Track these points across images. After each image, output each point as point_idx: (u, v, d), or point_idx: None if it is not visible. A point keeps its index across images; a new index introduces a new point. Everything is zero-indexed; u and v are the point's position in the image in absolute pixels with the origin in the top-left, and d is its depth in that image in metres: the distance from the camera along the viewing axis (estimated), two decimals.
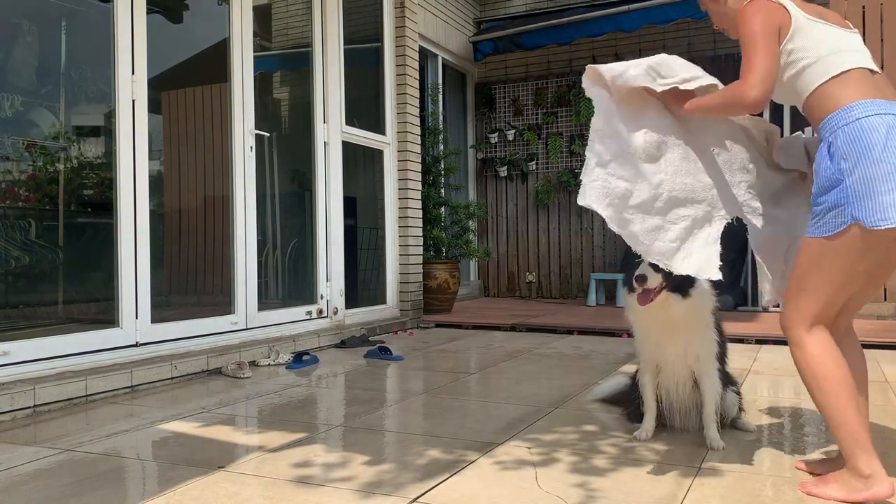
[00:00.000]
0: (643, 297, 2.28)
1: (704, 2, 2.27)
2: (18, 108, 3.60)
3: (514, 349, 4.71)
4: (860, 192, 1.78)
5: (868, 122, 1.81)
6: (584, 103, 8.05)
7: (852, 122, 1.83)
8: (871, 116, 1.81)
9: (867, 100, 1.85)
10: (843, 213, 1.81)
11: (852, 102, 1.86)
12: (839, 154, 1.83)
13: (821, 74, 1.93)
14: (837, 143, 1.84)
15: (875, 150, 1.77)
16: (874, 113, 1.82)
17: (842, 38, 1.98)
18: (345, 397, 3.32)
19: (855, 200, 1.79)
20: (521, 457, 2.31)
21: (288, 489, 2.01)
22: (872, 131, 1.79)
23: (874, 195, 1.76)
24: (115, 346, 3.59)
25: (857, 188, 1.79)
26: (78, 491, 2.02)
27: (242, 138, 4.50)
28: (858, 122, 1.82)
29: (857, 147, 1.80)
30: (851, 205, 1.79)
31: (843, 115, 1.85)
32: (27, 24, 3.72)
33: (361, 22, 5.94)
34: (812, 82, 1.95)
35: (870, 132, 1.80)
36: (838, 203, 1.81)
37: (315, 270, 5.16)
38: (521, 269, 8.49)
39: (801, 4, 2.04)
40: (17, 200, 3.76)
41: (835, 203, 1.82)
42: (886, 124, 1.80)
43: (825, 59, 1.94)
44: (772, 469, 2.17)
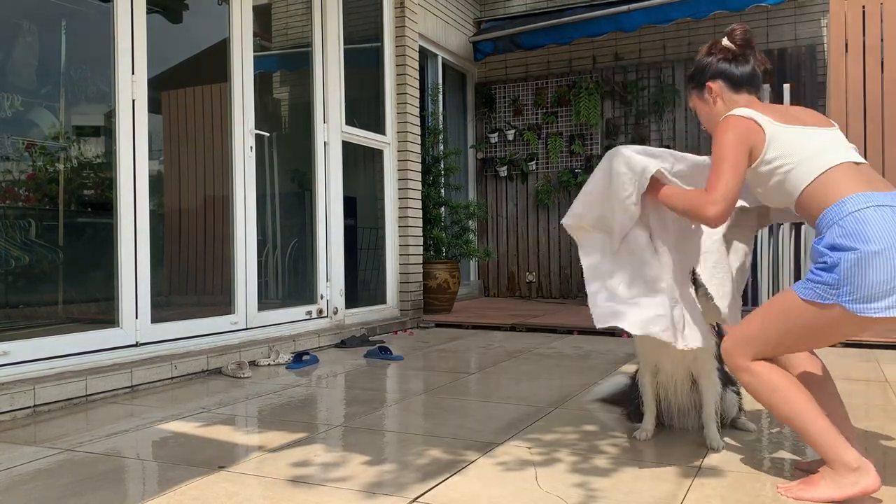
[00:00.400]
0: None
1: (694, 101, 2.35)
2: (18, 108, 3.60)
3: (514, 349, 4.71)
4: (852, 280, 1.83)
5: (862, 215, 1.85)
6: (583, 103, 8.06)
7: (846, 216, 1.87)
8: (865, 209, 1.86)
9: (858, 193, 1.89)
10: (832, 292, 1.85)
11: (844, 197, 1.90)
12: (837, 247, 1.86)
13: (805, 176, 1.97)
14: (833, 237, 1.87)
15: (871, 242, 1.81)
16: (868, 205, 1.86)
17: (820, 137, 2.02)
18: (345, 397, 3.32)
19: (846, 285, 1.83)
20: (522, 457, 2.31)
21: (288, 489, 2.01)
22: (867, 223, 1.84)
23: (865, 286, 1.81)
24: (115, 346, 3.59)
25: (850, 275, 1.83)
26: (78, 491, 2.02)
27: (242, 138, 4.51)
28: (852, 216, 1.86)
29: (853, 240, 1.83)
30: (842, 288, 1.84)
31: (837, 209, 1.90)
32: (27, 24, 3.72)
33: (361, 22, 5.94)
34: (798, 185, 1.99)
35: (864, 224, 1.84)
36: (831, 283, 1.85)
37: (315, 270, 5.16)
38: (521, 269, 8.49)
39: (775, 111, 2.09)
40: (17, 200, 3.76)
41: (827, 282, 1.86)
42: (880, 216, 1.84)
43: (807, 161, 1.98)
44: (772, 469, 2.17)
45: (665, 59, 7.91)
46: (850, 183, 1.92)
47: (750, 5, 6.81)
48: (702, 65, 2.31)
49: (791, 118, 2.07)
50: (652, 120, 7.89)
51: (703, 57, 2.32)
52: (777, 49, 7.42)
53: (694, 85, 2.34)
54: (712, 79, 2.27)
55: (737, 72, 2.23)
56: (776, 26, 7.48)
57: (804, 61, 7.28)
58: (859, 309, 1.82)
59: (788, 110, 2.12)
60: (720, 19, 7.68)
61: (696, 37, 7.82)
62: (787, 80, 7.21)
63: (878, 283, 1.80)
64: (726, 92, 2.25)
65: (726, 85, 2.25)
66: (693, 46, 7.82)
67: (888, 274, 1.79)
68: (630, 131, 7.97)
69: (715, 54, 2.27)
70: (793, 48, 7.33)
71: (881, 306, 1.80)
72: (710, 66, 2.28)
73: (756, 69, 2.24)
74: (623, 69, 8.02)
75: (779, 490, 1.96)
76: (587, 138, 8.13)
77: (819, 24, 7.33)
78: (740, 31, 2.26)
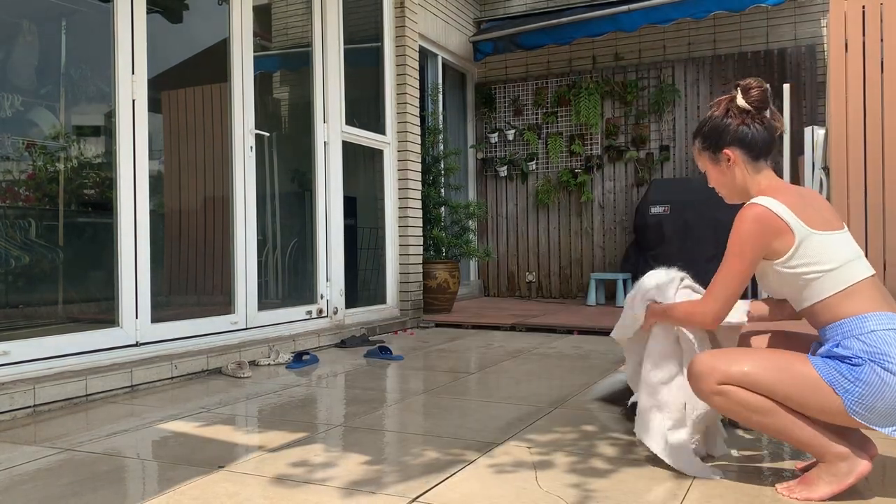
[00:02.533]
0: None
1: (704, 163, 2.21)
2: (18, 107, 3.60)
3: (514, 349, 4.71)
4: (868, 390, 1.80)
5: (888, 336, 1.82)
6: (583, 103, 8.06)
7: (869, 333, 1.83)
8: (889, 331, 1.83)
9: (881, 312, 1.86)
10: (846, 386, 1.82)
11: (866, 313, 1.86)
12: (855, 359, 1.83)
13: (832, 287, 1.91)
14: (855, 351, 1.83)
15: (892, 363, 1.79)
16: (891, 328, 1.83)
17: (843, 245, 1.94)
18: (345, 397, 3.32)
19: (860, 389, 1.81)
20: (521, 457, 2.31)
21: (288, 489, 2.01)
22: (891, 346, 1.81)
23: (877, 402, 1.80)
24: (115, 346, 3.59)
25: (868, 384, 1.80)
26: (78, 491, 2.02)
27: (242, 138, 4.51)
28: (875, 334, 1.83)
29: (873, 357, 1.81)
30: (855, 390, 1.81)
31: (858, 324, 1.86)
32: (27, 24, 3.72)
33: (361, 22, 5.94)
34: (821, 293, 1.92)
35: (889, 346, 1.81)
36: (848, 378, 1.82)
37: (315, 270, 5.16)
38: (521, 269, 8.49)
39: (802, 204, 1.97)
40: (17, 200, 3.76)
41: (845, 376, 1.83)
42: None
43: (835, 273, 1.91)
44: (772, 469, 2.17)
45: (665, 59, 7.91)
46: (872, 300, 1.88)
47: (750, 5, 6.81)
48: (718, 127, 2.13)
49: (818, 218, 1.95)
50: (652, 120, 7.89)
51: (719, 117, 2.14)
52: (777, 49, 7.42)
53: (707, 146, 2.17)
54: (730, 146, 2.11)
55: (758, 139, 2.08)
56: (776, 26, 7.48)
57: (804, 61, 7.28)
58: (860, 416, 1.81)
59: (810, 203, 1.99)
60: (720, 19, 7.68)
61: (696, 37, 7.82)
62: (787, 80, 7.21)
63: (887, 406, 1.80)
64: (745, 162, 2.10)
65: (745, 154, 2.10)
66: (693, 46, 7.82)
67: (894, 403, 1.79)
68: (630, 131, 7.97)
69: (733, 117, 2.10)
70: (793, 48, 7.33)
71: (883, 424, 1.81)
72: (727, 131, 2.11)
73: (773, 134, 2.10)
74: (623, 69, 8.02)
75: (778, 490, 1.96)
76: (587, 138, 8.13)
77: (819, 24, 7.33)
78: (757, 91, 2.09)
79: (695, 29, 7.79)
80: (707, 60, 7.71)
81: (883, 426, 1.82)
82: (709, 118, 2.17)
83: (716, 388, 1.93)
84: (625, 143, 7.99)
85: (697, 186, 6.67)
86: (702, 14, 7.02)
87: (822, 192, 4.79)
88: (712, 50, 7.75)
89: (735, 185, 2.14)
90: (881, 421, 1.82)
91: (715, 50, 7.74)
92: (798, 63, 7.29)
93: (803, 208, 1.95)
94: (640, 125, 7.92)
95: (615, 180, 8.05)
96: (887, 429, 1.82)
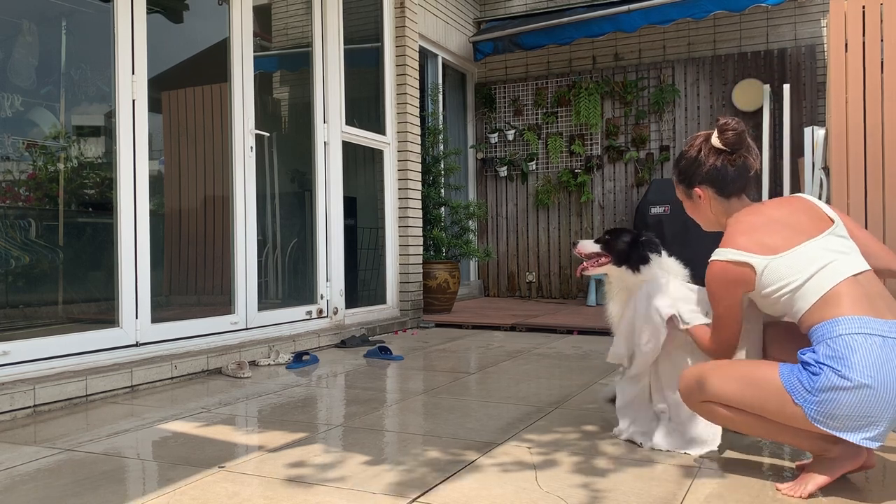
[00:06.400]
0: (584, 264, 2.47)
1: (681, 194, 2.29)
2: (18, 107, 3.60)
3: (514, 349, 4.71)
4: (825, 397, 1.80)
5: (852, 341, 1.80)
6: (583, 103, 8.06)
7: (836, 337, 1.82)
8: (855, 335, 1.80)
9: (853, 316, 1.83)
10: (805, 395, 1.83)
11: (839, 317, 1.84)
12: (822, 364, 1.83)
13: (806, 301, 1.91)
14: (820, 356, 1.83)
15: (853, 372, 1.76)
16: (859, 332, 1.80)
17: (815, 254, 1.93)
18: (345, 397, 3.32)
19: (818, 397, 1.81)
20: (521, 457, 2.31)
21: (288, 489, 2.01)
22: (854, 351, 1.78)
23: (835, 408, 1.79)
24: (115, 346, 3.59)
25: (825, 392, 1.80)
26: (78, 491, 2.02)
27: (242, 138, 4.51)
28: (842, 339, 1.81)
29: (838, 364, 1.79)
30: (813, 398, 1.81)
31: (829, 328, 1.85)
32: (27, 24, 3.72)
33: (361, 22, 5.94)
34: (799, 309, 1.94)
35: (851, 351, 1.78)
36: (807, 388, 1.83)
37: (315, 270, 5.16)
38: (521, 269, 8.49)
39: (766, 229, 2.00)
40: (17, 200, 3.76)
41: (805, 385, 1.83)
42: (867, 346, 1.78)
43: (804, 288, 1.91)
44: (772, 469, 2.17)
45: (665, 59, 7.91)
46: (849, 303, 1.85)
47: (750, 5, 6.81)
48: (691, 166, 2.20)
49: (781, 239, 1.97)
50: (652, 120, 7.89)
51: (692, 156, 2.19)
52: (777, 49, 7.42)
53: (680, 181, 2.25)
54: (701, 185, 2.18)
55: (727, 178, 2.13)
56: (776, 26, 7.48)
57: (804, 61, 7.28)
58: (823, 425, 1.81)
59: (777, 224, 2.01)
60: (720, 19, 7.68)
61: (696, 37, 7.82)
62: (787, 80, 7.21)
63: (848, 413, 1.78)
64: (714, 199, 2.18)
65: (714, 192, 2.17)
66: (693, 46, 7.82)
67: (855, 410, 1.77)
68: (630, 131, 7.97)
69: (706, 156, 2.15)
70: (793, 48, 7.33)
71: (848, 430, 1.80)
72: (699, 172, 2.17)
73: (746, 173, 2.13)
74: (623, 69, 8.02)
75: (778, 489, 1.96)
76: (587, 138, 8.13)
77: (819, 24, 7.33)
78: (732, 132, 2.11)
79: (695, 29, 7.80)
80: (707, 60, 7.71)
81: (849, 433, 1.79)
82: (683, 154, 2.24)
83: (699, 407, 2.05)
84: (625, 143, 7.99)
85: None
86: (702, 14, 7.02)
87: (822, 192, 4.79)
88: (712, 50, 7.75)
89: (707, 218, 2.24)
90: (846, 428, 1.79)
91: (715, 50, 7.74)
92: (798, 63, 7.29)
93: (762, 236, 1.98)
94: (640, 125, 7.92)
95: (615, 180, 8.05)
96: (856, 436, 1.79)
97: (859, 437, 1.79)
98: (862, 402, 1.76)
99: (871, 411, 1.76)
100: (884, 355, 1.76)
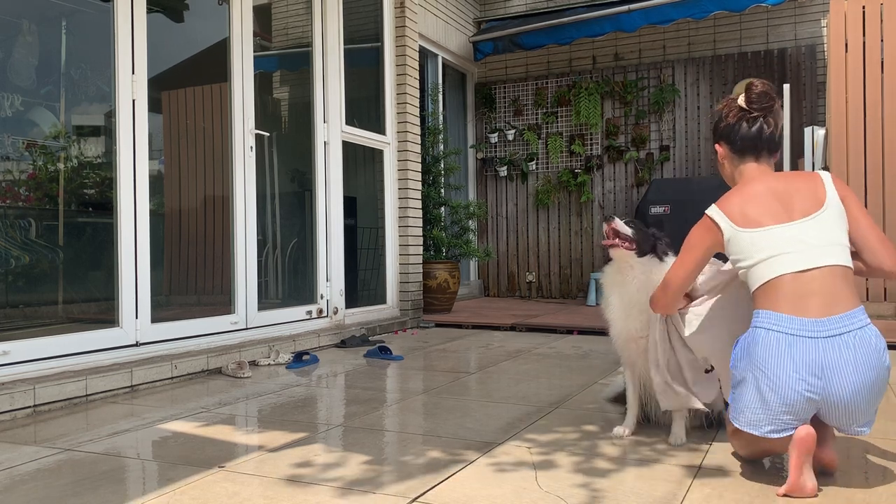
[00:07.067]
0: (608, 240, 2.45)
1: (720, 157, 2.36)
2: (18, 107, 3.60)
3: (514, 349, 4.71)
4: (734, 389, 2.05)
5: (758, 334, 1.96)
6: (583, 103, 8.06)
7: (752, 328, 2.00)
8: (764, 329, 1.95)
9: (773, 311, 1.96)
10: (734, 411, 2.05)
11: (761, 309, 2.00)
12: (738, 347, 2.05)
13: (754, 281, 2.05)
14: (740, 341, 2.05)
15: (753, 359, 1.96)
16: (768, 327, 1.95)
17: (775, 240, 2.02)
18: (345, 397, 3.32)
19: (732, 393, 2.06)
20: (521, 457, 2.31)
21: (288, 488, 2.01)
22: (756, 343, 1.96)
23: (739, 398, 2.01)
24: (115, 346, 3.59)
25: (734, 384, 2.04)
26: (78, 491, 2.02)
27: (242, 138, 4.51)
28: (754, 331, 1.98)
29: (745, 351, 2.00)
30: (732, 393, 2.07)
31: (754, 317, 2.02)
32: (27, 24, 3.72)
33: (361, 22, 5.94)
34: (751, 283, 2.07)
35: (755, 343, 1.96)
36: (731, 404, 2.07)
37: (315, 270, 5.16)
38: (521, 269, 8.49)
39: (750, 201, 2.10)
40: (17, 200, 3.76)
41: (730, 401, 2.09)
42: (769, 341, 1.93)
43: (757, 268, 2.04)
44: (772, 469, 2.17)
45: (665, 59, 7.91)
46: (778, 298, 1.96)
47: (750, 5, 6.81)
48: (716, 121, 2.29)
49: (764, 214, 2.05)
50: (652, 120, 7.89)
51: (720, 110, 2.28)
52: (777, 49, 7.42)
53: (713, 139, 2.35)
54: (718, 141, 2.28)
55: (738, 136, 2.19)
56: (776, 26, 7.48)
57: (804, 61, 7.28)
58: (733, 416, 2.02)
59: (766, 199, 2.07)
60: (720, 19, 7.68)
61: (696, 37, 7.82)
62: (787, 80, 7.21)
63: (745, 403, 1.98)
64: (729, 156, 2.25)
65: (729, 149, 2.24)
66: (693, 46, 7.82)
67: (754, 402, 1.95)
68: (630, 131, 7.97)
69: (728, 114, 2.23)
70: (793, 48, 7.33)
71: (744, 421, 1.98)
72: (718, 128, 2.27)
73: (764, 131, 2.17)
74: (623, 69, 8.02)
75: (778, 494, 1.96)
76: (587, 138, 8.13)
77: (819, 24, 7.33)
78: (759, 88, 2.18)
79: (695, 29, 7.80)
80: (707, 60, 7.71)
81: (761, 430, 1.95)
82: (716, 113, 2.35)
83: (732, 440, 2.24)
84: (625, 143, 7.99)
85: (697, 186, 6.67)
86: (702, 14, 7.02)
87: None
88: (712, 50, 7.75)
89: (726, 174, 2.33)
90: (758, 427, 1.96)
91: (715, 50, 7.74)
92: (798, 63, 7.29)
93: (747, 207, 2.09)
94: (640, 125, 7.92)
95: (615, 180, 8.05)
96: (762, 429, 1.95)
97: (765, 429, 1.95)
98: (751, 394, 1.96)
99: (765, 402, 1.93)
100: (781, 350, 1.91)
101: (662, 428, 2.59)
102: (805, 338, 1.88)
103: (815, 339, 1.88)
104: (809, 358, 1.87)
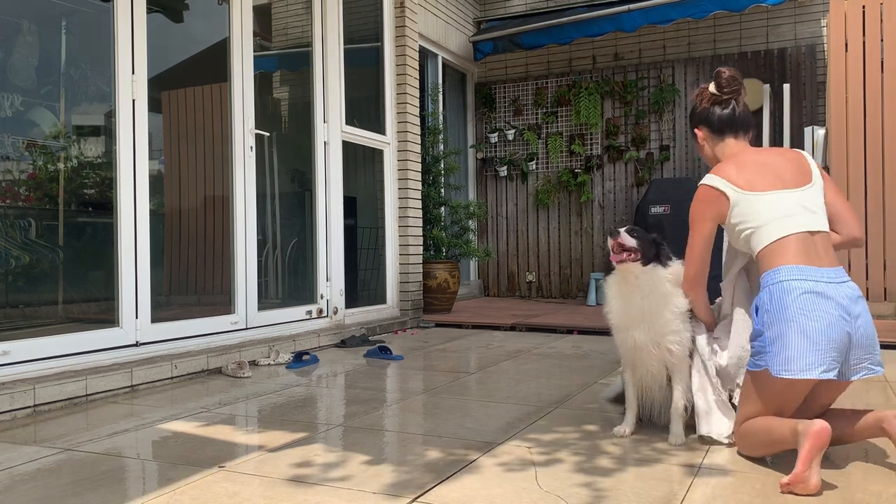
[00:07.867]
0: (616, 255, 2.46)
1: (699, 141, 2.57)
2: (18, 107, 3.60)
3: (514, 349, 4.71)
4: (773, 345, 2.07)
5: (787, 285, 2.08)
6: (583, 103, 8.06)
7: (775, 284, 2.11)
8: (791, 280, 2.08)
9: (793, 265, 2.11)
10: (762, 358, 2.11)
11: (780, 266, 2.13)
12: (762, 309, 2.13)
13: (761, 241, 2.20)
14: (763, 300, 2.13)
15: (788, 310, 2.05)
16: (795, 278, 2.08)
17: (782, 204, 2.20)
18: (345, 397, 3.32)
19: (770, 350, 2.08)
20: (522, 456, 2.31)
21: (288, 489, 2.01)
22: (788, 294, 2.06)
23: (782, 349, 2.04)
24: (115, 346, 3.59)
25: (772, 340, 2.08)
26: (78, 490, 2.02)
27: (242, 138, 4.51)
28: (780, 284, 2.09)
29: (775, 305, 2.08)
30: (767, 353, 2.09)
31: (771, 275, 2.14)
32: (27, 24, 3.72)
33: (361, 22, 5.94)
34: (755, 246, 2.22)
35: (786, 294, 2.07)
36: (759, 350, 2.12)
37: (315, 270, 5.16)
38: (521, 269, 8.49)
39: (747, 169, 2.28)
40: (17, 200, 3.76)
41: (758, 350, 2.14)
42: (802, 289, 2.06)
43: (764, 228, 2.20)
44: (772, 468, 2.17)
45: (665, 59, 7.91)
46: (792, 254, 2.13)
47: (750, 5, 6.81)
48: (693, 111, 2.53)
49: (760, 181, 2.25)
50: (652, 120, 7.89)
51: (694, 100, 2.53)
52: (777, 49, 7.42)
53: (690, 126, 2.59)
54: (697, 125, 2.52)
55: (714, 118, 2.44)
56: (776, 26, 7.48)
57: (804, 61, 7.28)
58: (777, 371, 2.05)
59: (760, 167, 2.28)
60: (720, 19, 7.68)
61: (696, 37, 7.82)
62: (787, 79, 7.21)
63: (791, 347, 2.02)
64: (710, 137, 2.49)
65: (709, 131, 2.48)
66: (693, 46, 7.82)
67: (802, 346, 2.01)
68: (630, 131, 7.97)
69: (702, 101, 2.49)
70: (793, 48, 7.33)
71: (797, 368, 2.02)
72: (695, 114, 2.52)
73: (736, 111, 2.42)
74: (623, 69, 8.02)
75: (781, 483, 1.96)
76: (587, 138, 8.13)
77: (819, 24, 7.33)
78: (727, 74, 2.42)
79: (695, 29, 7.79)
80: (707, 60, 7.71)
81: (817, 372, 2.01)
82: (691, 101, 2.61)
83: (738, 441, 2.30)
84: (625, 143, 7.99)
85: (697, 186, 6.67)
86: (702, 14, 7.01)
87: None
88: (712, 50, 7.75)
89: (707, 156, 2.53)
90: (811, 369, 2.01)
91: (715, 50, 7.74)
92: (798, 63, 7.29)
93: (744, 174, 2.28)
94: (640, 125, 7.92)
95: (615, 180, 8.05)
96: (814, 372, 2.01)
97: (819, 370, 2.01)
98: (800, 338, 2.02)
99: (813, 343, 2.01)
100: (815, 294, 2.04)
101: (662, 428, 2.59)
102: (828, 283, 2.08)
103: (835, 284, 2.08)
104: (838, 298, 2.05)
